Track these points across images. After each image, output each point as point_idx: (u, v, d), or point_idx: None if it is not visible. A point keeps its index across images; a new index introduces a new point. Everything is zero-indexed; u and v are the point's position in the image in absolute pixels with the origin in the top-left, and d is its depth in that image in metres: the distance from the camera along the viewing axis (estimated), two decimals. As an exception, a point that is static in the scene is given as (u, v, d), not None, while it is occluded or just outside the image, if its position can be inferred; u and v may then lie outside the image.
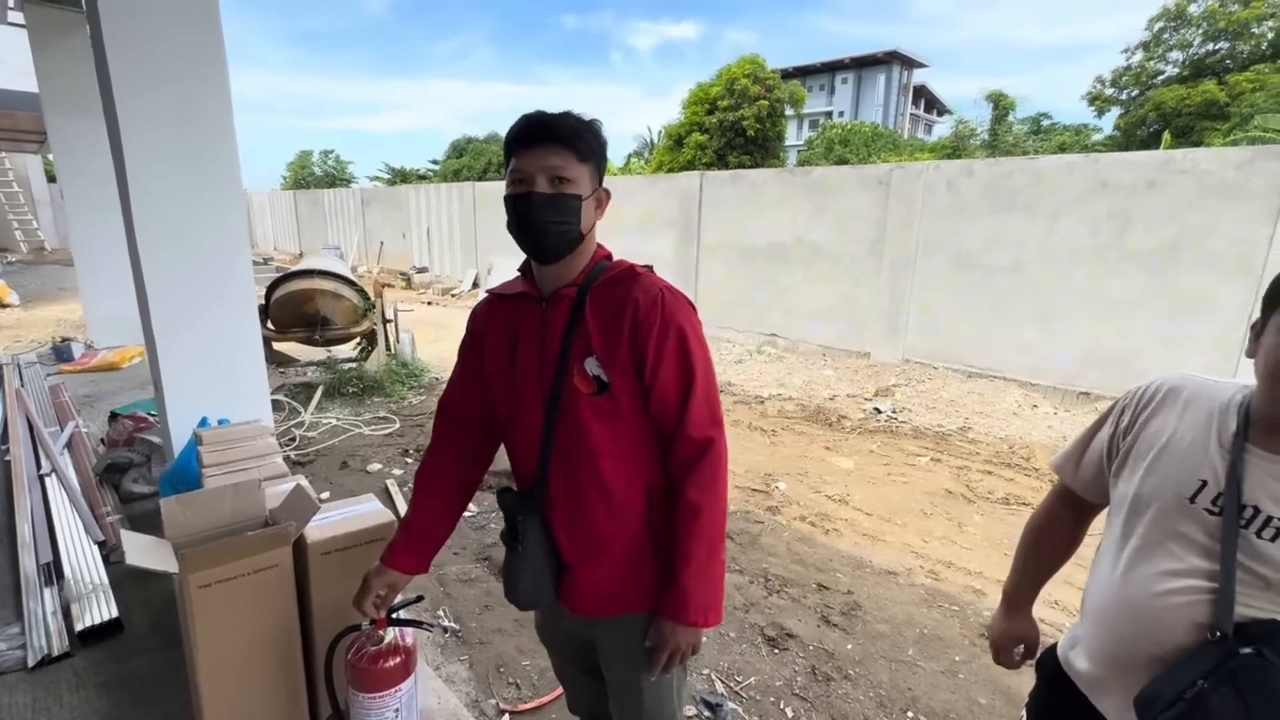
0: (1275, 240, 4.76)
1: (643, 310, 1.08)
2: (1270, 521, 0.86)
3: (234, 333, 2.51)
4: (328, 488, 3.85)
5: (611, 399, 1.10)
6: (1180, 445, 0.96)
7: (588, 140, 1.08)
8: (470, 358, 1.28)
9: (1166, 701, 0.88)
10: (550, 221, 1.06)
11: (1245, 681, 0.83)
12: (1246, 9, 21.06)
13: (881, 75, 39.85)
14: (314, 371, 6.15)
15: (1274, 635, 0.84)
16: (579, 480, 1.13)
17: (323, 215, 19.20)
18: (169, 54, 2.16)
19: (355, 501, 1.58)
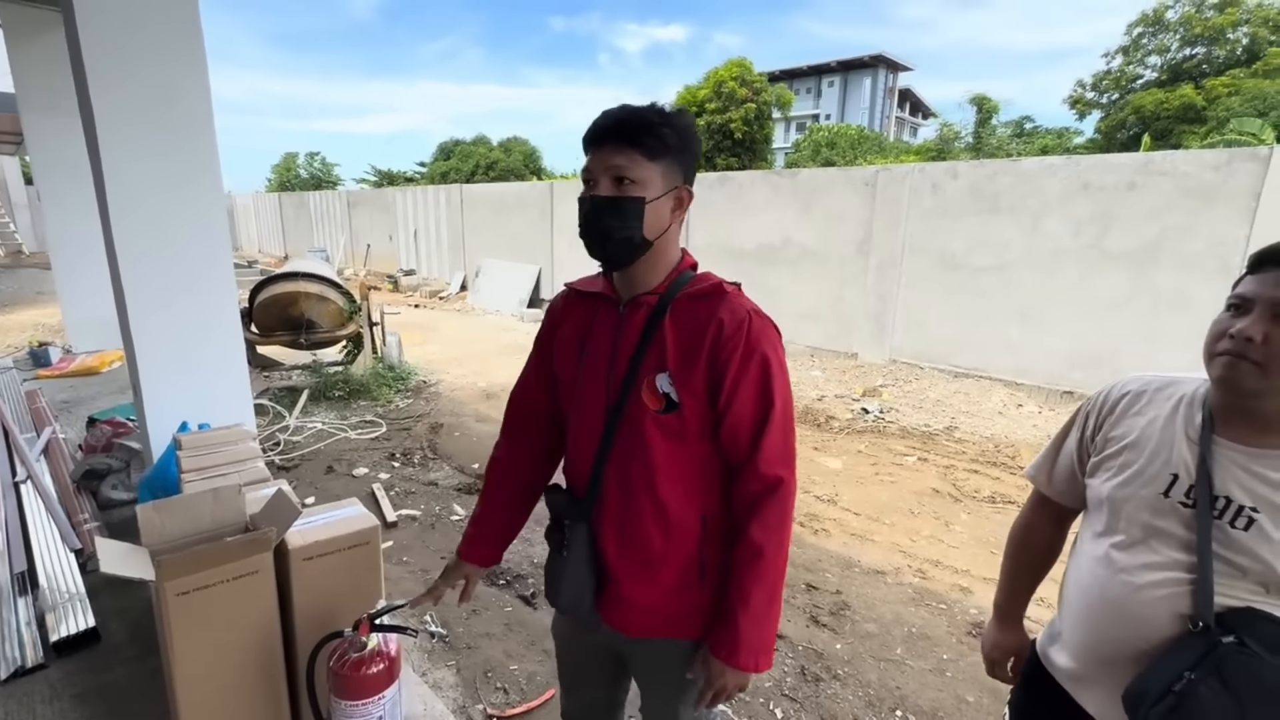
0: (1252, 240, 4.84)
1: (727, 332, 1.02)
2: (1242, 511, 0.89)
3: (215, 336, 2.47)
4: (313, 493, 3.80)
5: (679, 419, 1.05)
6: (1149, 443, 0.99)
7: (661, 136, 1.00)
8: (543, 350, 1.26)
9: (1155, 695, 0.88)
10: (609, 225, 1.01)
11: (1230, 671, 0.85)
12: (1222, 15, 21.51)
13: (867, 78, 40.21)
14: (299, 375, 6.08)
15: (1253, 623, 0.87)
16: (635, 496, 1.09)
17: (308, 218, 19.02)
18: (146, 50, 2.12)
19: (338, 506, 1.55)
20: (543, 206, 11.13)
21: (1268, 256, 0.91)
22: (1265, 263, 0.91)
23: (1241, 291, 0.92)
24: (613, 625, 1.17)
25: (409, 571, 2.90)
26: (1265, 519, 0.87)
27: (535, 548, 3.18)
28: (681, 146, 1.03)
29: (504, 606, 2.68)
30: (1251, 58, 21.00)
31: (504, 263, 11.83)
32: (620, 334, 1.10)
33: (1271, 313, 0.87)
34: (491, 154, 29.28)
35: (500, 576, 2.90)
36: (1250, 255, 0.94)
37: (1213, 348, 0.92)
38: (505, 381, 6.47)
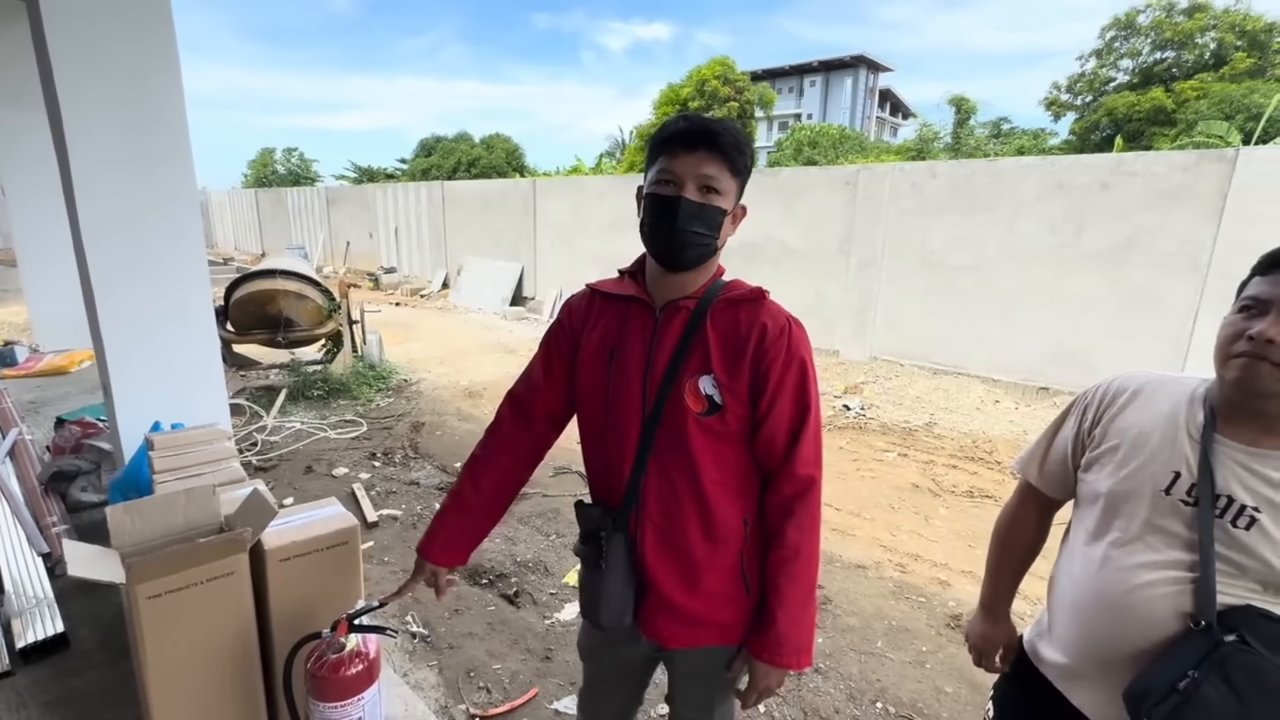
0: (1219, 239, 4.98)
1: (770, 337, 1.04)
2: (1244, 510, 0.89)
3: (189, 334, 2.42)
4: (292, 493, 3.75)
5: (723, 421, 1.06)
6: (1150, 440, 0.99)
7: (745, 154, 1.04)
8: (558, 350, 1.22)
9: (1160, 695, 0.88)
10: (692, 231, 1.02)
11: (1234, 670, 0.85)
12: (1190, 20, 22.04)
13: (848, 79, 40.55)
14: (277, 374, 5.98)
15: (1254, 621, 0.87)
16: (679, 501, 1.09)
17: (286, 215, 18.70)
18: (115, 44, 2.07)
19: (316, 506, 1.53)
20: (526, 204, 11.06)
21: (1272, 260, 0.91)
22: (1272, 265, 0.91)
23: (1255, 293, 0.91)
24: (653, 638, 1.16)
25: (390, 572, 2.87)
26: (1266, 518, 0.88)
27: (518, 546, 3.17)
28: (748, 170, 1.08)
29: (486, 606, 2.67)
30: (1219, 62, 21.56)
31: (486, 260, 11.75)
32: (657, 337, 1.09)
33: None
34: (474, 151, 29.05)
35: (483, 576, 2.88)
36: (1261, 256, 0.94)
37: (1229, 349, 0.91)
38: (488, 380, 6.42)
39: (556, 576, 2.90)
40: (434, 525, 1.29)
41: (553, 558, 3.07)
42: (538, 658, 2.37)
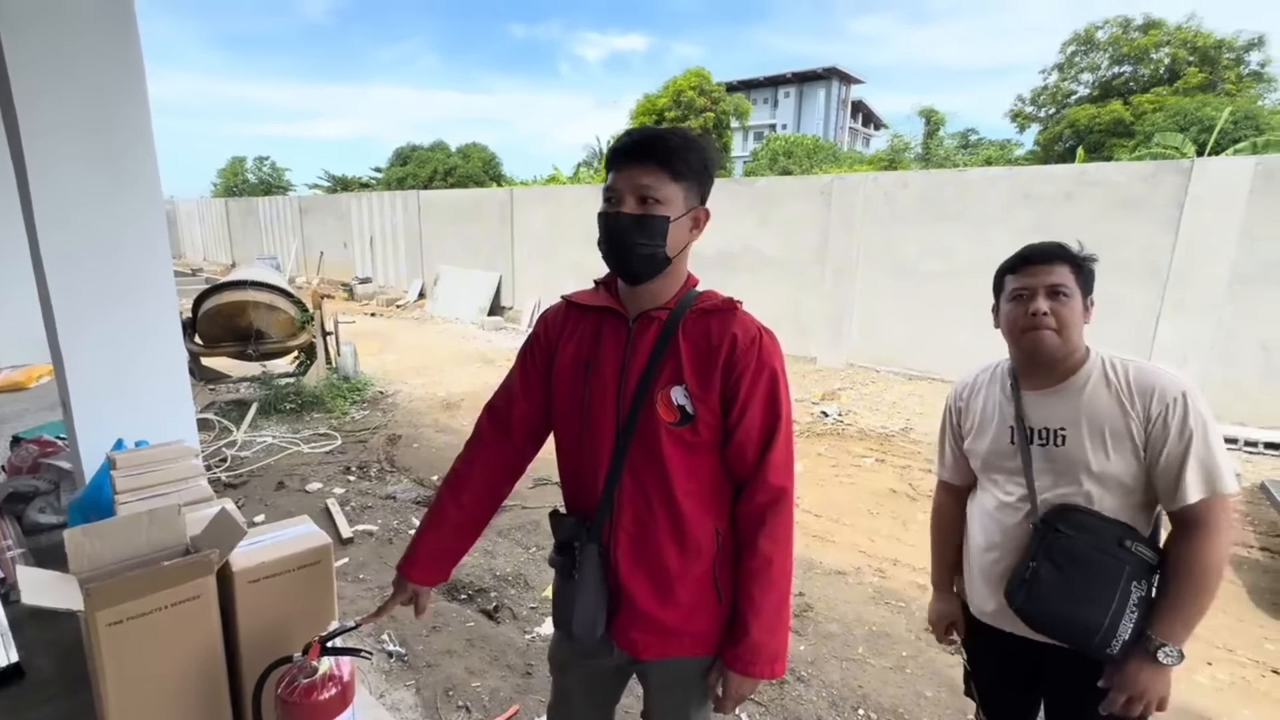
0: (1177, 247, 5.15)
1: (741, 347, 1.05)
2: (1056, 433, 1.26)
3: (153, 348, 2.35)
4: (263, 510, 3.65)
5: (694, 431, 1.06)
6: (989, 411, 1.36)
7: (686, 158, 1.03)
8: (534, 363, 1.23)
9: (1018, 585, 1.25)
10: (635, 242, 1.03)
11: (1055, 552, 1.22)
12: (1145, 36, 22.92)
13: (822, 90, 41.29)
14: (247, 387, 5.84)
15: (1065, 513, 1.23)
16: (651, 512, 1.09)
17: (258, 224, 18.36)
18: (76, 49, 2.01)
19: (287, 524, 1.49)
20: (503, 213, 11.02)
21: (1020, 260, 1.29)
22: (1024, 263, 1.28)
23: (1019, 285, 1.28)
24: (629, 650, 1.15)
25: (366, 590, 2.80)
26: (1070, 433, 1.24)
27: (497, 559, 3.12)
28: (701, 169, 1.06)
29: (465, 622, 2.62)
30: (1173, 76, 22.45)
31: (463, 270, 11.65)
32: (631, 348, 1.10)
33: (1049, 294, 1.23)
34: (450, 160, 28.85)
35: (461, 591, 2.83)
36: (1009, 259, 1.32)
37: (1017, 328, 1.27)
38: (465, 391, 6.35)
39: (537, 590, 2.87)
40: (414, 544, 1.26)
41: (533, 571, 3.03)
42: (518, 674, 2.33)
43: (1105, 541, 1.21)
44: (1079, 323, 1.25)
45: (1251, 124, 18.21)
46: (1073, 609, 1.20)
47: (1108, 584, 1.19)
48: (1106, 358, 1.26)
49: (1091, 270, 1.28)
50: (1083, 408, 1.23)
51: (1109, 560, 1.20)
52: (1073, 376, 1.26)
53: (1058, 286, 1.24)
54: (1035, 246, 1.31)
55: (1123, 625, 1.18)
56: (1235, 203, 4.94)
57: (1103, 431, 1.21)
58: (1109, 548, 1.20)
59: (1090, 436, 1.22)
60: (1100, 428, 1.21)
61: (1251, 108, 19.50)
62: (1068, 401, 1.25)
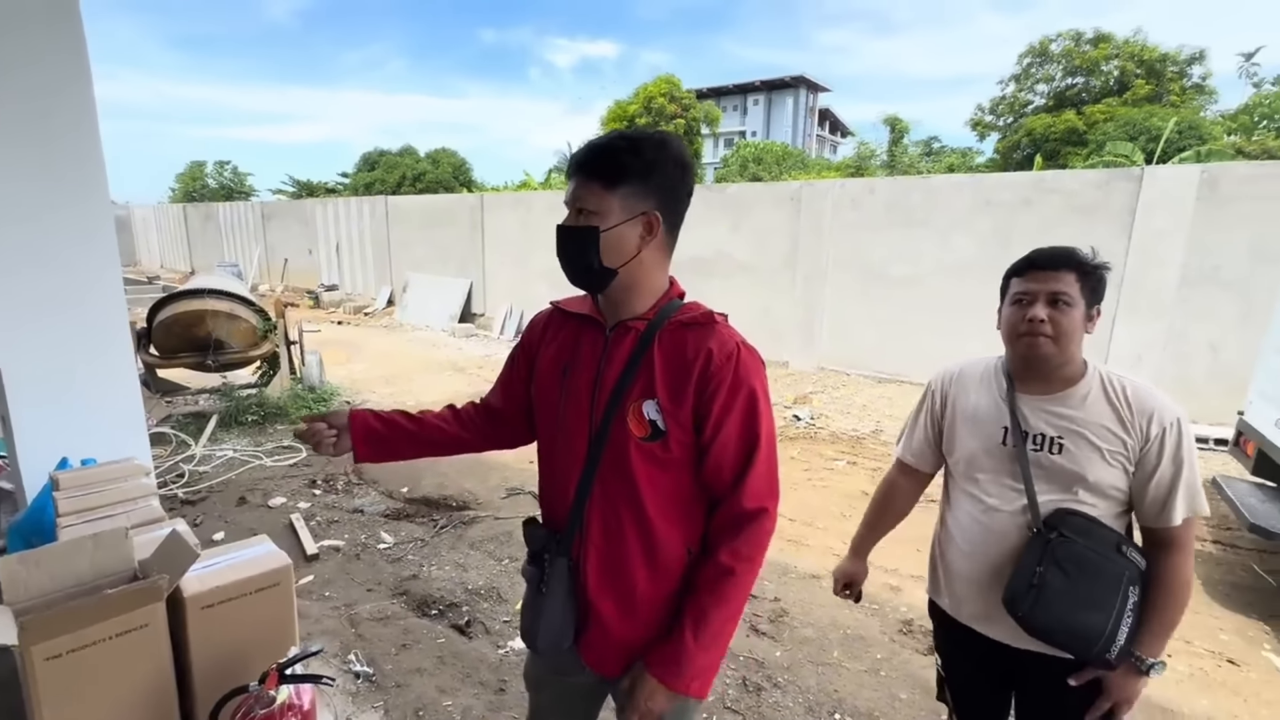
0: (1130, 252, 5.35)
1: (716, 363, 1.01)
2: (1053, 440, 1.25)
3: (102, 360, 2.24)
4: (223, 527, 3.52)
5: (664, 447, 1.03)
6: (980, 409, 1.34)
7: (619, 163, 1.00)
8: (517, 366, 1.26)
9: (1023, 592, 1.21)
10: (568, 253, 1.04)
11: (1061, 558, 1.19)
12: (1096, 50, 23.87)
13: (790, 98, 41.95)
14: (207, 399, 5.63)
15: (1066, 518, 1.22)
16: (620, 528, 1.06)
17: (218, 230, 17.83)
18: (11, 48, 1.92)
19: (244, 545, 1.42)
20: (474, 219, 10.89)
21: (1026, 264, 1.28)
22: (1030, 267, 1.27)
23: (1021, 289, 1.27)
24: (596, 668, 1.12)
25: (332, 608, 2.71)
26: (1069, 443, 1.23)
27: (469, 572, 3.06)
28: (646, 171, 1.01)
29: (436, 638, 2.55)
30: (1122, 88, 23.40)
31: (433, 277, 11.48)
32: (605, 358, 1.08)
33: (1049, 301, 1.23)
34: (419, 165, 28.46)
35: (432, 606, 2.76)
36: (1015, 263, 1.30)
37: (1015, 331, 1.27)
38: (436, 400, 6.23)
39: (510, 603, 2.81)
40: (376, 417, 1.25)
41: (505, 584, 2.97)
42: (491, 690, 2.27)
43: (1106, 546, 1.21)
44: (1077, 332, 1.24)
45: (1195, 134, 19.08)
46: (1081, 616, 1.18)
47: (1111, 589, 1.19)
48: (1104, 373, 1.27)
49: (1101, 279, 1.27)
50: (1084, 421, 1.23)
51: (1111, 565, 1.20)
52: (1073, 387, 1.26)
53: (1058, 294, 1.23)
54: (1043, 251, 1.29)
55: (1121, 631, 1.19)
56: (1183, 209, 5.15)
57: (1102, 446, 1.22)
58: (1109, 552, 1.21)
59: (1089, 449, 1.23)
60: (1100, 442, 1.22)
61: (1194, 118, 20.43)
62: (1068, 412, 1.25)
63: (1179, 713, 2.25)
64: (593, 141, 1.04)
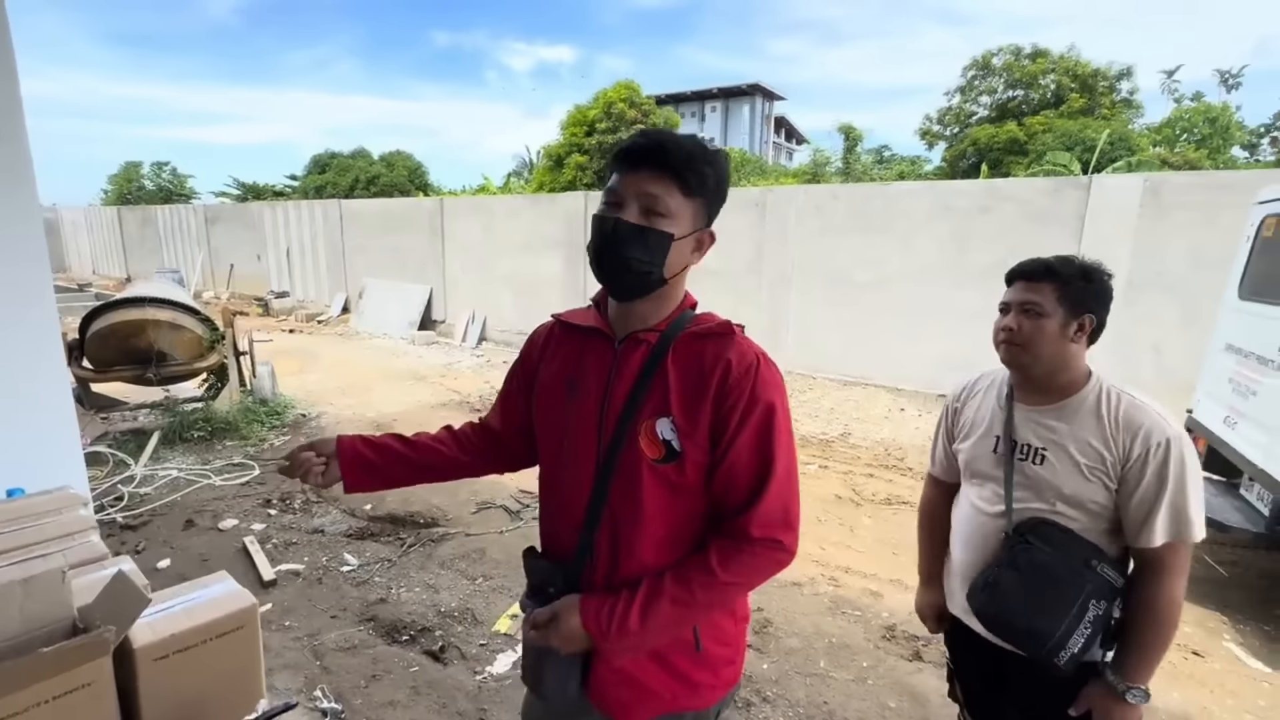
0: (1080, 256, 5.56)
1: (734, 375, 0.94)
2: (1037, 451, 1.29)
3: (31, 378, 2.04)
4: (169, 553, 3.27)
5: (679, 470, 0.95)
6: (982, 418, 1.41)
7: (701, 173, 0.93)
8: (516, 385, 1.18)
9: (980, 588, 1.30)
10: (631, 257, 0.93)
11: (1020, 561, 1.26)
12: (1034, 64, 25.06)
13: (746, 106, 42.63)
14: (147, 415, 5.28)
15: (1036, 527, 1.27)
16: (632, 557, 0.97)
17: (157, 235, 16.92)
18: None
19: (201, 584, 1.29)
20: (433, 224, 10.62)
21: (1013, 274, 1.34)
22: (1013, 278, 1.34)
23: (1004, 300, 1.35)
24: (604, 710, 1.02)
25: (294, 639, 2.53)
26: (1051, 454, 1.27)
27: (440, 594, 2.92)
28: (716, 188, 0.98)
29: (409, 667, 2.41)
30: (1059, 101, 24.60)
31: (391, 283, 11.13)
32: (615, 373, 0.99)
33: (1019, 310, 1.29)
34: (372, 168, 27.68)
35: (402, 631, 2.61)
36: (1007, 273, 1.36)
37: (995, 339, 1.34)
38: (398, 410, 6.01)
39: (486, 625, 2.69)
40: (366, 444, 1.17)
41: (480, 604, 2.84)
42: (470, 721, 2.15)
43: (1072, 558, 1.23)
44: (1050, 341, 1.26)
45: (1125, 145, 20.20)
46: (1026, 617, 1.24)
47: (1065, 598, 1.21)
48: (1106, 388, 1.28)
49: (1086, 289, 1.27)
50: (1069, 433, 1.26)
51: (1072, 576, 1.22)
52: (1069, 399, 1.29)
53: (1028, 305, 1.28)
54: (1026, 263, 1.33)
55: (1073, 640, 1.21)
56: (1128, 216, 5.40)
57: (1081, 460, 1.24)
58: (1075, 565, 1.23)
59: (1068, 462, 1.25)
60: (1079, 456, 1.24)
61: (1124, 130, 21.65)
62: (1055, 424, 1.28)
63: (1154, 707, 2.31)
64: (665, 135, 0.93)
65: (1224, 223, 4.89)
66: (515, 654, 2.49)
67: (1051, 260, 1.31)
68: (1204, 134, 23.90)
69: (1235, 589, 3.11)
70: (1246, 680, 2.50)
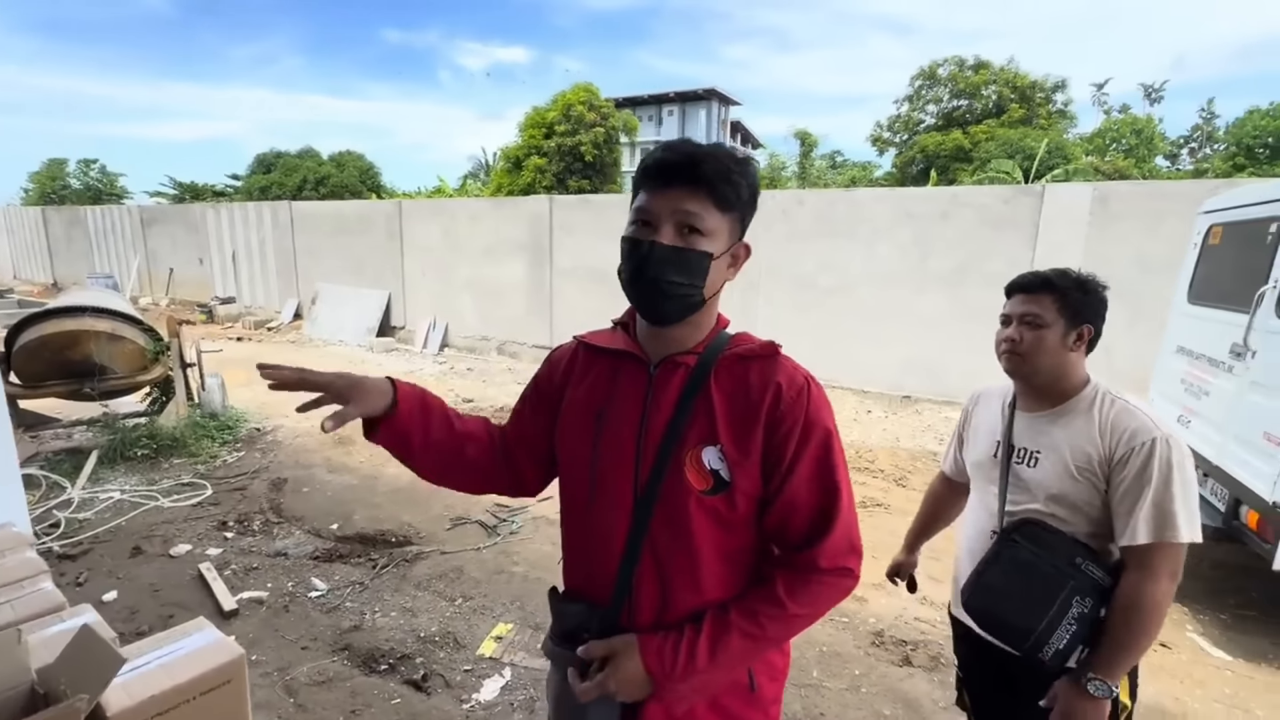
0: (1035, 261, 5.79)
1: (786, 401, 0.89)
2: (1031, 454, 1.35)
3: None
4: (115, 584, 3.03)
5: (729, 501, 0.89)
6: (985, 424, 1.48)
7: (737, 185, 0.88)
8: (530, 409, 1.09)
9: (970, 582, 1.36)
10: (669, 281, 0.87)
11: (1005, 557, 1.31)
12: (977, 75, 26.17)
13: (703, 110, 43.04)
14: (83, 432, 4.91)
15: (1024, 526, 1.32)
16: (676, 598, 0.91)
17: (87, 237, 15.88)
18: None
19: (178, 636, 1.17)
20: (391, 227, 10.29)
21: (1012, 287, 1.39)
22: (1013, 291, 1.39)
23: (1005, 311, 1.40)
24: None
25: (262, 674, 2.36)
26: (1044, 457, 1.33)
27: (419, 618, 2.78)
28: (749, 200, 0.92)
29: (390, 699, 2.28)
30: (1000, 110, 25.77)
31: (347, 289, 10.73)
32: (652, 399, 0.93)
33: (1020, 322, 1.34)
34: (322, 168, 26.74)
35: (381, 661, 2.48)
36: (1007, 285, 1.41)
37: (998, 349, 1.40)
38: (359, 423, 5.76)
39: (470, 648, 2.58)
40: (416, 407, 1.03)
41: (462, 627, 2.73)
42: (459, 753, 2.05)
43: (1058, 557, 1.27)
44: (1051, 351, 1.31)
45: (1061, 154, 21.31)
46: (1009, 613, 1.29)
47: (1047, 596, 1.25)
48: (1102, 393, 1.32)
49: (1081, 300, 1.31)
50: (1062, 437, 1.31)
51: (1055, 574, 1.25)
52: (1065, 403, 1.34)
53: (1029, 316, 1.33)
54: (1026, 275, 1.37)
55: (1056, 636, 1.24)
56: (1079, 223, 5.65)
57: (1071, 461, 1.28)
58: (1060, 563, 1.26)
59: (1059, 464, 1.30)
60: (1070, 458, 1.29)
61: (1060, 140, 22.82)
62: (1051, 428, 1.34)
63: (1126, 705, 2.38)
64: (695, 148, 0.88)
65: (1166, 230, 5.18)
66: (503, 679, 2.39)
67: (1049, 273, 1.35)
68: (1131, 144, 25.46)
69: (1193, 581, 3.26)
70: (1211, 670, 2.61)
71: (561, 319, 8.61)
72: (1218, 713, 2.35)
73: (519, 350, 9.06)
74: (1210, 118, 25.78)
